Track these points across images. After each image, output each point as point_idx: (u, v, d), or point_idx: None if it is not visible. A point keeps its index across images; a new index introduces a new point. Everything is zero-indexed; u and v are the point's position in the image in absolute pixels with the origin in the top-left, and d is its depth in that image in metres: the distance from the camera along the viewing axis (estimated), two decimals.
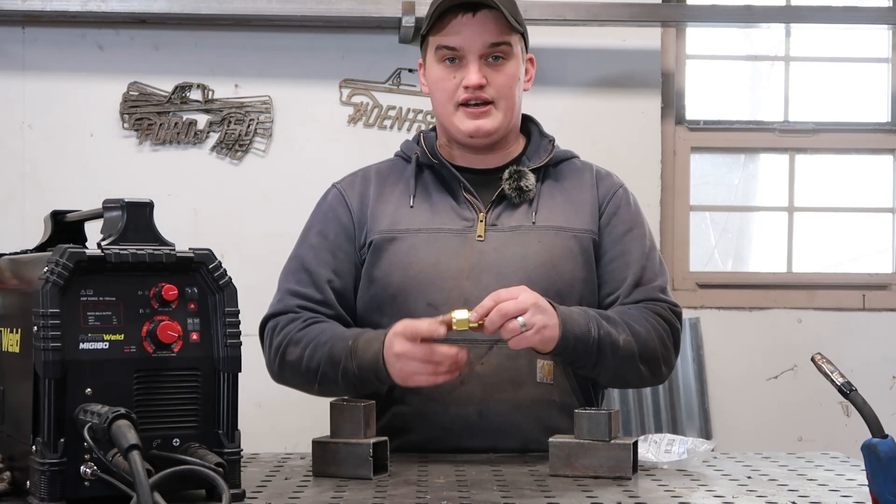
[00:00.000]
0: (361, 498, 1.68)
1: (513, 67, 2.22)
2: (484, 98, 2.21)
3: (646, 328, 2.13)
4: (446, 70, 2.22)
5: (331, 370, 2.09)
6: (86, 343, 1.53)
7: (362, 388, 2.10)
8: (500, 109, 2.22)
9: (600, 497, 1.68)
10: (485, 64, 2.20)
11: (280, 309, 2.22)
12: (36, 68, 3.91)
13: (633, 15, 3.91)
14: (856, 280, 4.21)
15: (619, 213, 2.28)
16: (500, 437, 2.15)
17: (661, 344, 2.16)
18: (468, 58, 2.19)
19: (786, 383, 4.09)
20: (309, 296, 2.21)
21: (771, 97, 4.32)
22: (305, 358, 2.12)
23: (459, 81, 2.20)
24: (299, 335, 2.15)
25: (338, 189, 2.33)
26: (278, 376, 2.22)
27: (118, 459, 1.44)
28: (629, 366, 2.12)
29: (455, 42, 2.19)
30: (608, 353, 2.07)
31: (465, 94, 2.20)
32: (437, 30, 2.21)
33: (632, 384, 2.31)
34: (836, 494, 1.73)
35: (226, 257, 2.40)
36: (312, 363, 2.11)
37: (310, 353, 2.12)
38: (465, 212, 2.24)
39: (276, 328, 2.19)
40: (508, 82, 2.21)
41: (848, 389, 1.50)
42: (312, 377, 2.12)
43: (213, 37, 3.95)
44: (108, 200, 1.64)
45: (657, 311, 2.18)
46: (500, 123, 2.23)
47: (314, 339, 2.13)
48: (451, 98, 2.22)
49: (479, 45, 2.18)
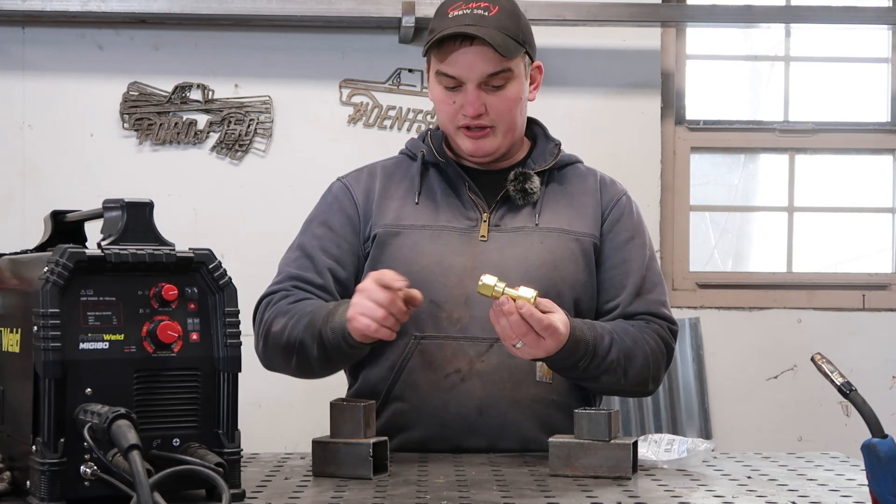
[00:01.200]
0: (361, 498, 1.68)
1: (513, 90, 2.21)
2: (482, 125, 2.21)
3: (643, 352, 2.15)
4: (446, 94, 2.22)
5: (308, 337, 2.07)
6: (86, 343, 1.53)
7: (335, 357, 2.07)
8: (499, 132, 2.23)
9: (600, 497, 1.68)
10: (484, 90, 2.19)
11: (275, 289, 2.22)
12: (36, 68, 3.91)
13: (633, 15, 3.91)
14: (856, 280, 4.22)
15: (622, 220, 2.29)
16: (499, 436, 2.16)
17: (654, 366, 2.18)
18: (467, 86, 2.19)
19: (785, 383, 4.10)
20: (308, 279, 2.21)
21: (771, 97, 4.32)
22: (289, 328, 2.10)
23: (459, 107, 2.21)
24: (288, 307, 2.14)
25: (343, 182, 2.33)
26: (262, 354, 2.19)
27: (118, 459, 1.44)
28: (612, 387, 2.17)
29: (453, 72, 2.19)
30: (588, 377, 2.10)
31: (464, 121, 2.21)
32: (436, 54, 2.20)
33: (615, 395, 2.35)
34: (836, 494, 1.73)
35: (226, 257, 2.40)
36: (294, 333, 2.09)
37: (293, 323, 2.10)
38: (469, 211, 2.24)
39: (269, 305, 2.18)
40: (508, 106, 2.21)
41: (848, 389, 1.50)
42: (291, 348, 2.10)
43: (213, 37, 3.95)
44: (108, 200, 1.64)
45: (658, 331, 2.20)
46: (499, 144, 2.25)
47: (300, 310, 2.12)
48: (452, 120, 2.23)
49: (476, 74, 2.17)
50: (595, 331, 2.10)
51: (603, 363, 2.08)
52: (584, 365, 2.06)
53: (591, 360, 2.07)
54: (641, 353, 2.15)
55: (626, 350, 2.12)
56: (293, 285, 2.20)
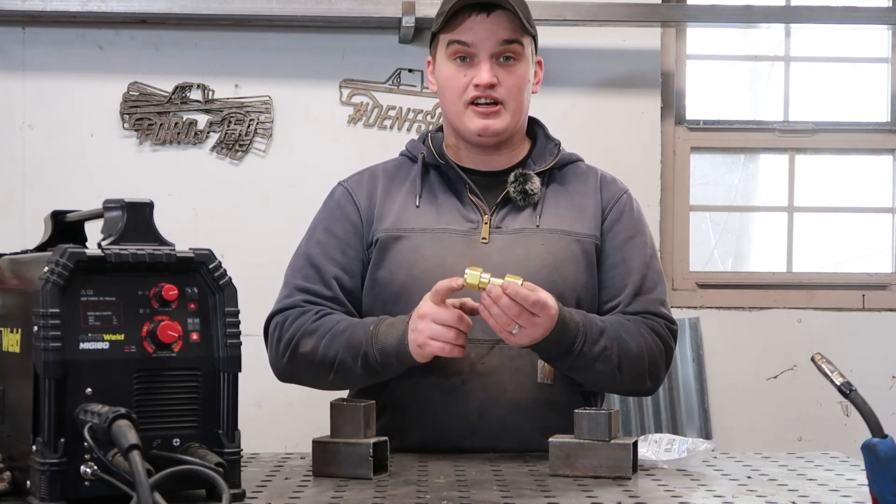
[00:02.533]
0: (361, 498, 1.68)
1: (523, 69, 2.23)
2: (494, 97, 2.21)
3: (637, 344, 2.14)
4: (457, 68, 2.22)
5: (350, 357, 2.09)
6: (86, 343, 1.53)
7: (383, 373, 2.11)
8: (508, 110, 2.23)
9: (600, 497, 1.69)
10: (496, 64, 2.21)
11: (288, 304, 2.22)
12: (36, 68, 3.91)
13: (633, 15, 3.91)
14: (855, 280, 4.22)
15: (623, 219, 2.29)
16: (499, 437, 2.16)
17: (650, 361, 2.17)
18: (480, 56, 2.20)
19: (785, 383, 4.09)
20: (317, 291, 2.21)
21: (771, 97, 4.32)
22: (322, 348, 2.12)
23: (470, 80, 2.21)
24: (313, 326, 2.15)
25: (345, 187, 2.33)
26: (285, 371, 2.20)
27: (118, 459, 1.44)
28: (608, 379, 2.14)
29: (468, 38, 2.19)
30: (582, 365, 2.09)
31: (475, 93, 2.21)
32: (449, 27, 2.21)
33: (614, 392, 2.34)
34: (836, 494, 1.73)
35: (226, 257, 2.40)
36: (330, 352, 2.11)
37: (326, 342, 2.12)
38: (470, 214, 2.24)
39: (286, 322, 2.19)
40: (518, 83, 2.22)
41: (848, 389, 1.50)
42: (328, 367, 2.12)
43: (213, 37, 3.95)
44: (108, 200, 1.64)
45: (654, 327, 2.20)
46: (507, 124, 2.24)
47: (330, 328, 2.13)
48: (461, 96, 2.23)
49: (491, 42, 2.19)
50: (584, 315, 2.10)
51: (595, 347, 2.07)
52: (578, 347, 2.05)
53: (584, 343, 2.06)
54: (635, 344, 2.13)
55: (618, 339, 2.11)
56: (304, 300, 2.21)
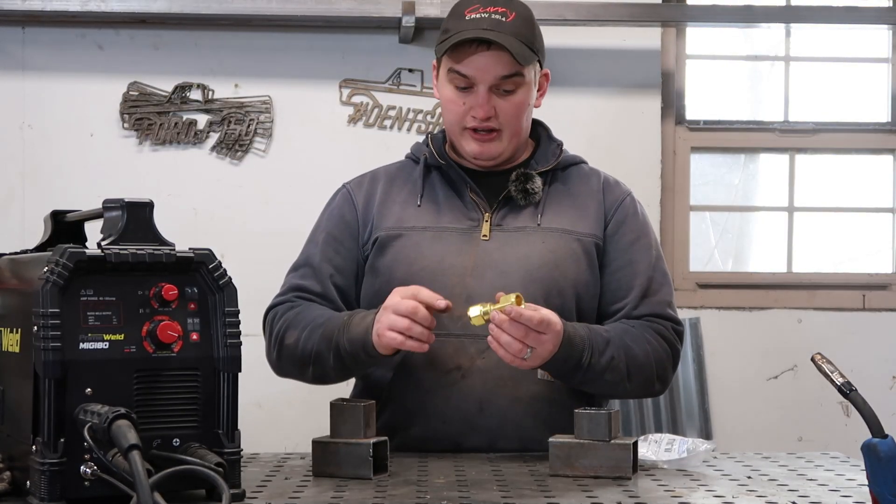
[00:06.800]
0: (361, 498, 1.68)
1: (522, 95, 2.23)
2: (491, 127, 2.23)
3: (644, 350, 2.15)
4: (457, 94, 2.23)
5: (325, 348, 2.12)
6: (86, 343, 1.53)
7: (353, 367, 2.13)
8: (505, 136, 2.25)
9: (600, 497, 1.68)
10: (495, 93, 2.21)
11: (280, 300, 2.27)
12: (36, 68, 3.91)
13: (633, 15, 3.91)
14: (856, 280, 4.22)
15: (627, 221, 2.29)
16: (499, 433, 2.16)
17: (657, 366, 2.18)
18: (478, 88, 2.20)
19: (786, 383, 4.09)
20: (308, 287, 2.25)
21: (771, 97, 4.32)
22: (302, 339, 2.15)
23: (468, 108, 2.22)
24: (297, 319, 2.19)
25: (346, 189, 2.36)
26: (276, 364, 2.24)
27: (118, 459, 1.44)
28: (618, 388, 2.15)
29: (467, 71, 2.20)
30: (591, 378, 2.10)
31: (472, 122, 2.23)
32: (451, 55, 2.21)
33: (624, 398, 2.35)
34: (836, 494, 1.73)
35: (226, 257, 2.40)
36: (308, 344, 2.14)
37: (307, 334, 2.15)
38: (471, 212, 2.25)
39: (276, 316, 2.23)
40: (517, 111, 2.23)
41: (848, 389, 1.50)
42: (307, 359, 2.15)
43: (213, 37, 3.95)
44: (108, 200, 1.64)
45: (660, 331, 2.20)
46: (504, 148, 2.26)
47: (311, 321, 2.16)
48: (460, 121, 2.24)
49: (490, 77, 2.19)
50: (588, 328, 2.12)
51: (602, 358, 2.08)
52: (586, 361, 2.06)
53: (591, 355, 2.07)
54: (642, 350, 2.15)
55: (624, 347, 2.13)
56: (296, 296, 2.26)
